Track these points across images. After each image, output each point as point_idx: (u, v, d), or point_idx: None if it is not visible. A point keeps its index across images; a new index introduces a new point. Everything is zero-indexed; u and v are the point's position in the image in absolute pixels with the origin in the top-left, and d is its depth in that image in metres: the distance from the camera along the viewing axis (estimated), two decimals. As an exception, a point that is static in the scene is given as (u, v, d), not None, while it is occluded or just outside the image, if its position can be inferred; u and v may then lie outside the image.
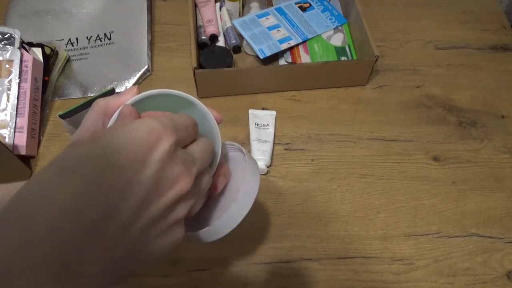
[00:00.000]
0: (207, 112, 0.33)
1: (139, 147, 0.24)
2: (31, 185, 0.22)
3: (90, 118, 0.30)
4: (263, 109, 0.71)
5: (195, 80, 0.68)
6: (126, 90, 0.31)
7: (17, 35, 0.65)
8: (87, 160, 0.23)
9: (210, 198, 0.37)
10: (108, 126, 0.30)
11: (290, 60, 0.75)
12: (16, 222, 0.21)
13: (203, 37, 0.77)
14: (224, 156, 0.41)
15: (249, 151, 0.65)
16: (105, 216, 0.22)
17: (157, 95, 0.31)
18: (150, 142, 0.24)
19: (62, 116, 0.63)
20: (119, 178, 0.23)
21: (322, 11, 0.81)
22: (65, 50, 0.75)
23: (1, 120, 0.63)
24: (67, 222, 0.21)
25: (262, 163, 0.63)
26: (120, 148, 0.23)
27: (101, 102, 0.30)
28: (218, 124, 0.34)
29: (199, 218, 0.37)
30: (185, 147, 0.28)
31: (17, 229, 0.20)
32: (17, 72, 0.64)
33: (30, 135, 0.64)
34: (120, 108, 0.29)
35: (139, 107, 0.30)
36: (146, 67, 0.74)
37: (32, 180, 0.23)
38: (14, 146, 0.62)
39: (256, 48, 0.73)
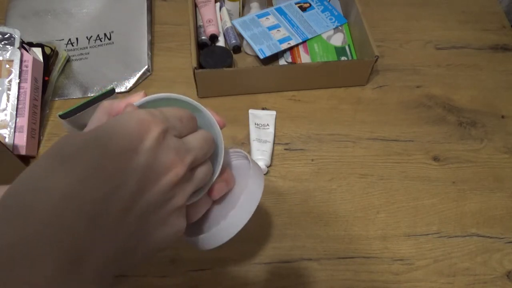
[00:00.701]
0: (212, 119, 0.33)
1: (130, 136, 0.25)
2: (28, 173, 0.22)
3: (95, 119, 0.31)
4: (263, 109, 0.71)
5: (195, 80, 0.68)
6: (132, 94, 0.32)
7: (17, 35, 0.65)
8: (84, 148, 0.23)
9: (214, 205, 0.36)
10: None
11: (290, 60, 0.75)
12: (16, 211, 0.21)
13: (203, 37, 0.77)
14: (228, 164, 0.40)
15: (249, 151, 0.65)
16: (105, 202, 0.23)
17: (162, 99, 0.31)
18: (140, 131, 0.25)
19: (62, 116, 0.63)
20: (114, 165, 0.24)
21: (322, 11, 0.81)
22: (65, 50, 0.75)
23: (1, 120, 0.63)
24: (68, 209, 0.21)
25: (262, 163, 0.63)
26: (113, 138, 0.24)
27: (105, 103, 0.31)
28: (221, 128, 0.34)
29: (202, 224, 0.37)
30: (182, 137, 0.29)
31: (17, 219, 0.20)
32: (17, 72, 0.64)
33: (30, 135, 0.64)
34: (124, 107, 0.30)
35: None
36: (146, 67, 0.74)
37: (30, 168, 0.23)
38: (14, 146, 0.62)
39: (256, 48, 0.73)
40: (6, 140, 0.62)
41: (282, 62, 0.76)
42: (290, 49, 0.76)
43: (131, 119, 0.26)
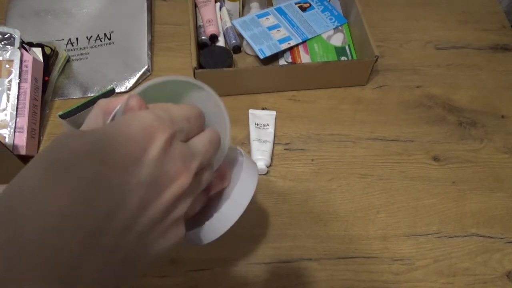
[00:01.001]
0: (216, 98, 0.31)
1: (133, 145, 0.23)
2: (20, 184, 0.21)
3: (91, 117, 0.30)
4: (263, 109, 0.71)
5: (195, 80, 0.68)
6: (126, 95, 0.30)
7: (17, 35, 0.65)
8: (82, 157, 0.21)
9: (209, 202, 0.36)
10: (108, 121, 0.29)
11: (290, 60, 0.75)
12: (6, 229, 0.19)
13: (203, 37, 0.77)
14: (233, 160, 0.40)
15: (249, 151, 0.65)
16: (104, 221, 0.21)
17: (165, 82, 0.29)
18: (145, 139, 0.23)
19: (62, 116, 0.63)
20: (116, 179, 0.22)
21: (322, 11, 0.81)
22: (65, 50, 0.75)
23: (1, 120, 0.63)
24: (65, 229, 0.20)
25: (262, 163, 0.63)
26: (114, 146, 0.22)
27: (102, 101, 0.30)
28: None
29: (195, 220, 0.36)
30: (188, 139, 0.27)
31: (7, 236, 0.19)
32: (17, 72, 0.64)
33: (30, 135, 0.64)
34: (126, 98, 0.27)
35: (146, 97, 0.28)
36: (146, 67, 0.74)
37: (21, 178, 0.21)
38: (14, 146, 0.62)
39: (256, 48, 0.73)
40: (6, 140, 0.62)
41: (282, 62, 0.76)
42: (290, 49, 0.76)
43: (135, 124, 0.23)
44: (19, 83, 0.64)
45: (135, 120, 0.24)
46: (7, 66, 0.64)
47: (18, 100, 0.64)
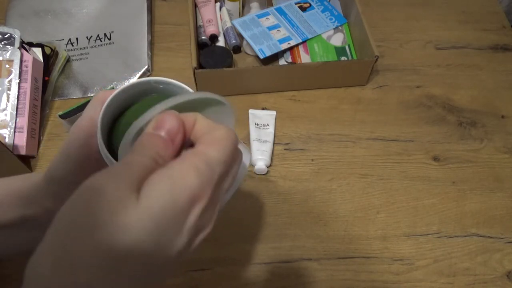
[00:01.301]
0: (232, 115, 0.32)
1: (180, 216, 0.23)
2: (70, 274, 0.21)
3: (89, 108, 0.32)
4: (263, 109, 0.71)
5: (195, 80, 0.68)
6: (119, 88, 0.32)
7: (17, 35, 0.65)
8: (138, 247, 0.22)
9: None
10: (101, 113, 0.30)
11: (290, 60, 0.75)
12: None
13: (203, 37, 0.77)
14: None
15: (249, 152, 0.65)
16: None
17: (195, 99, 0.29)
18: (187, 206, 0.23)
19: (62, 116, 0.63)
20: (163, 258, 0.23)
21: (322, 11, 0.81)
22: (65, 50, 0.75)
23: (1, 120, 0.63)
24: None
25: (262, 163, 0.63)
26: (165, 222, 0.22)
27: (100, 93, 0.32)
28: None
29: None
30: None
31: None
32: (17, 72, 0.64)
33: (30, 135, 0.64)
34: (159, 114, 0.26)
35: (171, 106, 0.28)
36: (146, 67, 0.74)
37: (74, 275, 0.21)
38: (14, 146, 0.62)
39: (256, 48, 0.73)
40: (6, 140, 0.62)
41: (282, 62, 0.76)
42: (290, 49, 0.76)
43: (183, 194, 0.23)
44: (19, 83, 0.64)
45: (183, 190, 0.23)
46: (7, 66, 0.64)
47: (18, 100, 0.64)
